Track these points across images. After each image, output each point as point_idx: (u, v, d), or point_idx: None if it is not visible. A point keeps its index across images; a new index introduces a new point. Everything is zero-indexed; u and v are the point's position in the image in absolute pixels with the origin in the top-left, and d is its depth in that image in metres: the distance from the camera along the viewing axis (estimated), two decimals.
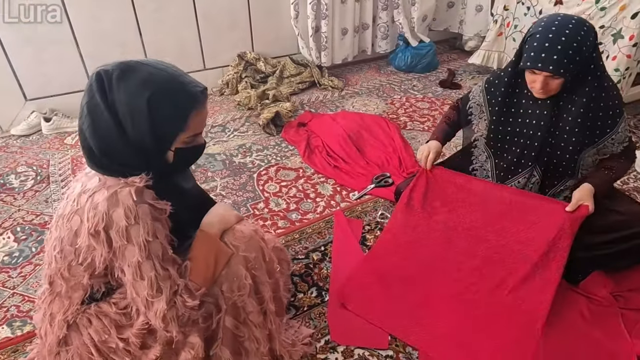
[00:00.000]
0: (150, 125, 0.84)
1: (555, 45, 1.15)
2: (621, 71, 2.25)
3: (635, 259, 1.41)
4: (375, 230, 1.69)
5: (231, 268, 1.02)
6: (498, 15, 2.88)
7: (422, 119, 2.54)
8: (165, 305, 0.90)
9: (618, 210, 1.36)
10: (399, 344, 1.27)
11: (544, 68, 1.18)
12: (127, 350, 0.98)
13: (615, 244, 1.36)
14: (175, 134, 0.88)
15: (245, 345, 1.08)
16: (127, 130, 0.84)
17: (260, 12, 2.78)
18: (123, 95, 0.82)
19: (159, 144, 0.88)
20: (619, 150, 1.35)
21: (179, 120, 0.87)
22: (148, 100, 0.82)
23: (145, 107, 0.82)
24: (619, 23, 2.19)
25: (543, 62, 1.17)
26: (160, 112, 0.84)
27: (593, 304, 1.36)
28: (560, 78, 1.20)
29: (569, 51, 1.15)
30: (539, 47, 1.17)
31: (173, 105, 0.85)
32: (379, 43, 3.22)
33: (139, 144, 0.86)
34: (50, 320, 0.97)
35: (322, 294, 1.42)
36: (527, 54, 1.21)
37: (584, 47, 1.17)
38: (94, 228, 0.84)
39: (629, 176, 2.01)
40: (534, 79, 1.24)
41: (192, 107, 0.87)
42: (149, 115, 0.83)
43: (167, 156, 0.91)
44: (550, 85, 1.23)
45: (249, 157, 2.17)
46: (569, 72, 1.18)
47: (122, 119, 0.84)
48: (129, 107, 0.82)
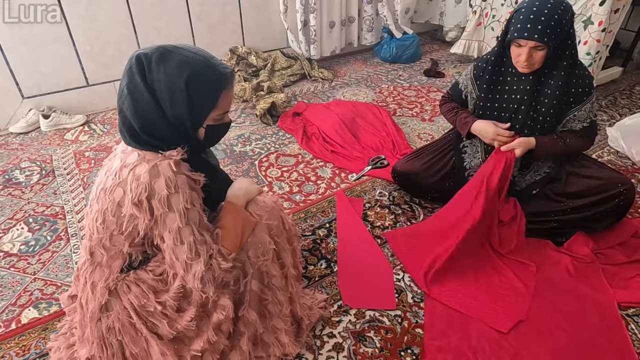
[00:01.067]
0: (188, 103, 0.92)
1: (539, 16, 1.30)
2: (592, 55, 2.42)
3: (612, 220, 1.57)
4: (375, 207, 1.80)
5: (256, 235, 1.12)
6: (476, 6, 3.03)
7: (410, 106, 2.67)
8: (203, 266, 0.98)
9: (594, 176, 1.51)
10: (406, 304, 1.39)
11: (530, 37, 1.31)
12: (164, 314, 1.06)
13: (593, 207, 1.51)
14: (208, 111, 0.97)
15: (269, 308, 1.17)
16: (165, 107, 0.93)
17: (250, 7, 2.87)
18: (163, 76, 0.91)
19: (194, 121, 0.96)
20: (578, 127, 1.48)
21: (211, 98, 0.96)
22: (186, 81, 0.91)
23: (184, 86, 0.91)
24: (589, 10, 2.36)
25: (529, 32, 1.31)
26: (196, 91, 0.92)
27: (577, 262, 1.50)
28: (542, 50, 1.34)
29: (551, 22, 1.29)
30: (525, 19, 1.31)
31: (207, 85, 0.94)
32: (365, 35, 3.34)
33: (177, 121, 0.94)
34: (92, 289, 1.05)
35: (331, 265, 1.53)
36: (513, 27, 1.35)
37: (564, 21, 1.31)
38: (137, 198, 0.93)
39: (602, 149, 2.19)
40: (519, 52, 1.38)
41: (223, 87, 0.96)
42: (186, 94, 0.91)
43: (199, 132, 1.00)
44: (535, 58, 1.36)
45: (248, 145, 2.26)
46: (551, 41, 1.31)
47: (160, 98, 0.92)
48: (168, 86, 0.91)
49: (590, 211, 1.51)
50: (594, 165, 1.58)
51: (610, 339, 1.27)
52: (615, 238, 1.58)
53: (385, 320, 1.33)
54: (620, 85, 2.90)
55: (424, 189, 1.78)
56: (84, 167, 2.08)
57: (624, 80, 2.97)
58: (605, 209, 1.50)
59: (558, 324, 1.31)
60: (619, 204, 1.48)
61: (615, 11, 2.37)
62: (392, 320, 1.33)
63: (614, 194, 1.47)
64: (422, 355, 1.23)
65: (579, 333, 1.29)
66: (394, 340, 1.28)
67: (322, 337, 1.28)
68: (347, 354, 1.24)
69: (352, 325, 1.32)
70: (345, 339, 1.28)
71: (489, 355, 1.22)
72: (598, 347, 1.25)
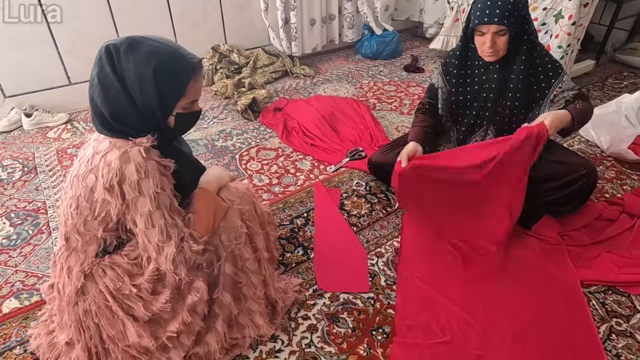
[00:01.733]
0: (156, 92, 0.96)
1: (496, 1, 1.37)
2: (564, 48, 2.50)
3: (577, 203, 1.63)
4: (352, 197, 1.85)
5: (228, 220, 1.16)
6: (453, 2, 3.10)
7: (390, 100, 2.72)
8: (175, 249, 1.02)
9: (559, 161, 1.57)
10: (379, 287, 1.44)
11: (490, 21, 1.38)
12: (140, 296, 1.09)
13: (558, 190, 1.57)
14: (177, 99, 1.00)
15: (244, 290, 1.21)
16: (135, 96, 0.96)
17: (231, 5, 2.90)
18: (132, 66, 0.94)
19: (163, 109, 1.00)
20: (571, 96, 1.50)
21: (179, 87, 0.99)
22: (154, 70, 0.94)
23: (152, 75, 0.95)
24: (559, 4, 2.44)
25: (489, 17, 1.37)
26: (164, 80, 0.96)
27: (544, 244, 1.56)
28: (504, 35, 1.40)
29: (508, 5, 1.36)
30: (483, 6, 1.38)
31: (174, 74, 0.98)
32: (346, 32, 3.39)
33: (146, 109, 0.98)
34: (68, 273, 1.08)
35: (308, 252, 1.57)
36: (474, 15, 1.41)
37: (520, 5, 1.38)
38: (109, 183, 0.96)
39: (572, 139, 2.26)
40: (483, 41, 1.44)
41: (190, 76, 1.00)
42: (154, 82, 0.95)
43: (169, 120, 1.04)
44: (499, 44, 1.43)
45: (229, 140, 2.30)
46: (510, 25, 1.38)
47: (130, 87, 0.96)
48: (137, 76, 0.95)
49: (556, 194, 1.58)
50: (559, 151, 1.64)
51: (573, 315, 1.33)
52: (580, 221, 1.65)
53: (358, 302, 1.38)
54: (593, 78, 2.98)
55: None
56: (66, 164, 2.10)
57: (596, 72, 3.06)
58: (570, 192, 1.56)
59: (524, 302, 1.37)
60: (582, 186, 1.54)
61: (585, 5, 2.45)
62: (365, 302, 1.38)
63: (577, 177, 1.53)
64: (392, 333, 1.28)
65: (544, 310, 1.34)
66: (366, 320, 1.32)
67: (296, 319, 1.33)
68: (321, 334, 1.28)
69: (326, 307, 1.36)
70: (319, 321, 1.32)
71: (457, 332, 1.27)
72: (561, 323, 1.31)
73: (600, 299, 1.39)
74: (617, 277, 1.43)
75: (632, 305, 1.37)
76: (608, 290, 1.42)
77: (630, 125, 2.02)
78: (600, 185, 1.90)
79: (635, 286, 1.41)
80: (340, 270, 1.49)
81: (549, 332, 1.28)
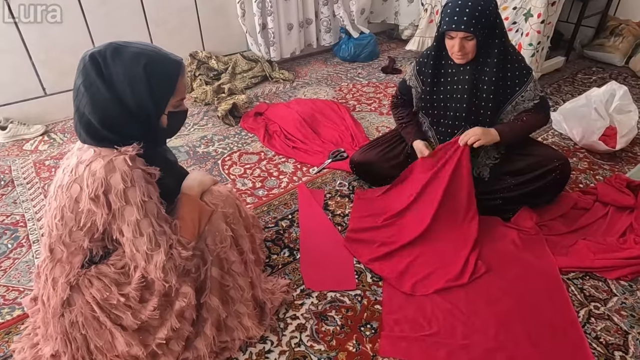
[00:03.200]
0: (149, 90, 0.96)
1: (464, 8, 1.41)
2: (534, 45, 2.58)
3: (552, 194, 1.69)
4: (336, 197, 1.87)
5: (213, 224, 1.16)
6: (427, 4, 3.18)
7: (369, 101, 2.76)
8: (164, 256, 1.02)
9: (532, 154, 1.62)
10: (365, 284, 1.46)
11: (457, 28, 1.42)
12: (128, 305, 1.09)
13: (533, 183, 1.62)
14: (169, 96, 1.01)
15: (231, 293, 1.22)
16: (126, 99, 0.95)
17: (207, 12, 2.90)
18: (120, 68, 0.94)
19: (157, 107, 1.00)
20: (530, 106, 1.59)
21: (170, 84, 1.00)
22: (144, 68, 0.95)
23: (143, 74, 0.95)
24: (528, 3, 2.52)
25: (456, 23, 1.42)
26: (155, 77, 0.96)
27: (522, 234, 1.61)
28: (472, 40, 1.44)
29: (475, 13, 1.40)
30: (452, 12, 1.42)
31: (164, 71, 0.98)
32: (323, 36, 3.42)
33: (140, 111, 0.97)
34: (53, 285, 1.07)
35: (294, 253, 1.59)
36: (443, 20, 1.46)
37: (488, 11, 1.43)
38: (94, 193, 0.95)
39: (547, 132, 2.33)
40: (452, 44, 1.48)
41: (178, 73, 1.01)
42: (146, 81, 0.95)
43: (162, 120, 1.04)
44: (467, 48, 1.47)
45: (211, 146, 2.30)
46: (477, 31, 1.42)
47: (120, 91, 0.95)
48: (128, 77, 0.94)
49: (531, 186, 1.63)
50: (533, 145, 1.70)
51: (553, 301, 1.38)
52: (556, 211, 1.71)
53: (346, 300, 1.40)
54: (563, 74, 3.08)
55: (380, 176, 1.86)
56: (44, 176, 2.06)
57: (567, 68, 3.16)
58: (544, 183, 1.61)
59: (505, 290, 1.41)
60: (555, 177, 1.60)
61: (553, 4, 2.54)
62: (352, 300, 1.40)
63: (550, 169, 1.59)
64: (380, 328, 1.30)
65: (524, 297, 1.39)
66: (354, 317, 1.34)
67: (285, 320, 1.34)
68: (310, 333, 1.29)
69: (314, 306, 1.38)
70: (307, 320, 1.33)
71: (442, 323, 1.30)
72: (542, 309, 1.35)
73: (578, 284, 1.44)
74: (593, 263, 1.48)
75: (609, 289, 1.42)
76: (585, 276, 1.47)
77: (600, 118, 2.10)
78: (574, 176, 1.97)
79: (611, 271, 1.47)
80: (326, 269, 1.51)
81: (531, 318, 1.32)
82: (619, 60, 3.15)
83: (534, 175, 1.60)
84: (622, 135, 2.06)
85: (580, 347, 1.24)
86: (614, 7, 3.29)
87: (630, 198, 1.71)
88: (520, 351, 1.22)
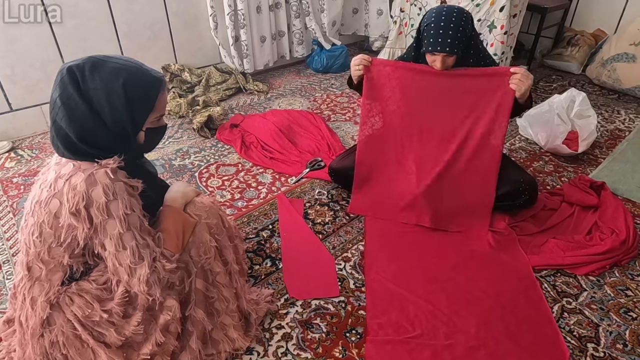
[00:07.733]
0: (126, 107, 0.95)
1: (447, 31, 1.47)
2: (499, 55, 2.70)
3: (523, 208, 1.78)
4: (315, 206, 1.89)
5: (197, 235, 1.16)
6: (396, 16, 3.28)
7: (343, 111, 2.81)
8: (148, 269, 1.01)
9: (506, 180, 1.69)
10: (349, 290, 1.48)
11: (442, 50, 1.50)
12: (111, 322, 1.06)
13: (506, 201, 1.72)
14: (147, 114, 1.00)
15: (216, 305, 1.21)
16: (103, 114, 0.94)
17: (179, 25, 2.89)
18: (99, 84, 0.93)
19: (134, 125, 0.99)
20: None
21: (149, 101, 0.99)
22: (123, 85, 0.94)
23: (122, 90, 0.94)
24: (492, 15, 2.65)
25: (441, 46, 1.49)
26: (134, 94, 0.95)
27: (497, 235, 1.68)
28: (454, 56, 1.52)
29: (457, 34, 1.48)
30: (435, 35, 1.49)
31: (143, 88, 0.98)
32: (296, 48, 3.47)
33: (116, 126, 0.96)
34: (32, 304, 1.03)
35: (276, 263, 1.59)
36: (426, 40, 1.52)
37: (467, 29, 1.51)
38: (75, 207, 0.94)
39: (514, 138, 2.44)
40: (434, 59, 1.56)
41: (158, 90, 1.01)
42: (124, 98, 0.94)
43: (139, 136, 1.03)
44: (448, 62, 1.56)
45: (187, 159, 2.28)
46: (459, 49, 1.50)
47: (97, 106, 0.94)
48: (106, 93, 0.93)
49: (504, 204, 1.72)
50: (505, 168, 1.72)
51: (528, 298, 1.44)
52: (527, 212, 1.78)
53: (330, 307, 1.41)
54: None
55: None
56: (12, 194, 1.99)
57: None
58: (515, 203, 1.72)
59: (483, 290, 1.46)
60: (526, 199, 1.71)
61: (514, 16, 2.67)
62: (336, 306, 1.42)
63: (520, 191, 1.69)
64: (365, 333, 1.32)
65: (502, 295, 1.44)
66: (339, 324, 1.36)
67: (270, 330, 1.34)
68: (296, 341, 1.30)
69: (299, 315, 1.38)
70: (293, 329, 1.34)
71: (425, 325, 1.34)
72: (518, 306, 1.41)
73: (550, 281, 1.51)
74: (563, 260, 1.56)
75: (579, 285, 1.50)
76: (557, 273, 1.54)
77: (563, 123, 2.22)
78: (542, 179, 2.06)
79: (580, 267, 1.55)
80: (309, 277, 1.52)
81: (508, 314, 1.38)
82: (576, 69, 3.34)
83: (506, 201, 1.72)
84: (584, 138, 2.18)
85: (556, 341, 1.30)
86: (569, 19, 3.49)
87: (594, 198, 1.81)
88: (501, 347, 1.27)
